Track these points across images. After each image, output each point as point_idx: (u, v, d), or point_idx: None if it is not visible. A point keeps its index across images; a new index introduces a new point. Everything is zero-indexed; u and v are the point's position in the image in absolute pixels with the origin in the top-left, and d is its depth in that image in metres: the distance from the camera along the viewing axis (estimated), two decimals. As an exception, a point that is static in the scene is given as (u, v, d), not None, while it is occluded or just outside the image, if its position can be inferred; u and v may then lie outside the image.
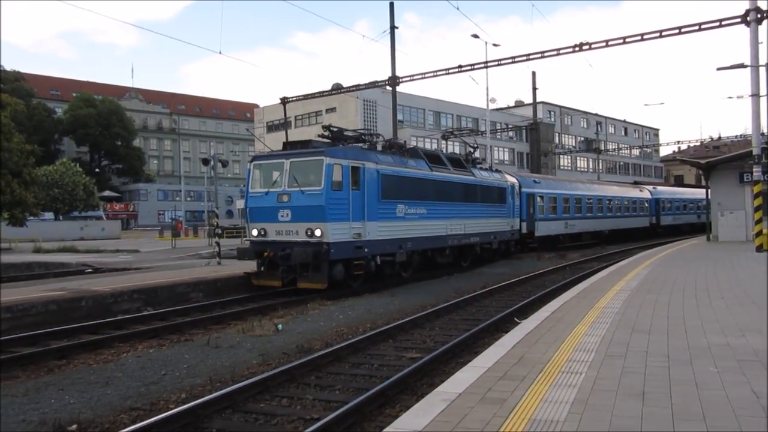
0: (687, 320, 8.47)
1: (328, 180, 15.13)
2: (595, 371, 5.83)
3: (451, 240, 21.26)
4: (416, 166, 19.46)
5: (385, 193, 17.21)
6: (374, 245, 16.71)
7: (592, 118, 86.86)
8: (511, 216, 26.75)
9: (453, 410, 4.76)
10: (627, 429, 4.25)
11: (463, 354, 9.32)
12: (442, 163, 21.52)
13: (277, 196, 15.76)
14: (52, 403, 7.22)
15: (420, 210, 19.18)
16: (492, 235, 24.64)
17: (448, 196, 21.09)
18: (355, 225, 15.91)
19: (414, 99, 59.08)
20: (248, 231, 16.73)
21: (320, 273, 15.09)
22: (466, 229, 22.22)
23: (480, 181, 23.84)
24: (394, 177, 17.80)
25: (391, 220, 17.58)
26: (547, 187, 32.68)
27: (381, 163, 17.34)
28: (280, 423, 6.57)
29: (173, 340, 10.87)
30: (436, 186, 20.35)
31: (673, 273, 15.01)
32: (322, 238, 15.02)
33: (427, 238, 19.72)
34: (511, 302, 14.41)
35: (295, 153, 16.06)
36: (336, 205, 15.30)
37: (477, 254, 23.79)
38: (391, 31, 30.37)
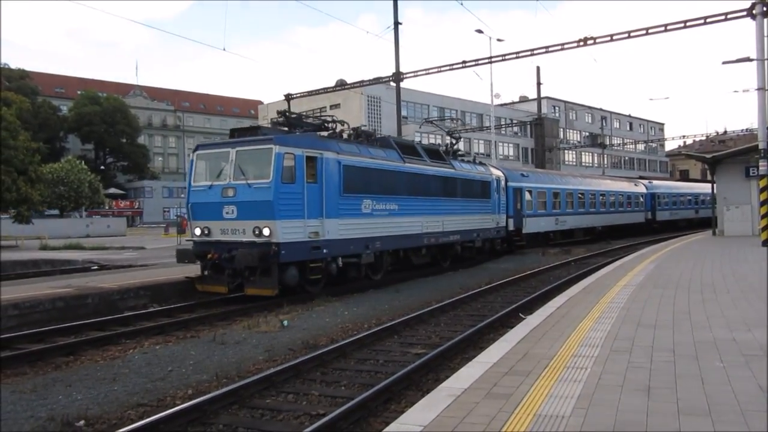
0: (693, 315, 8.46)
1: (278, 171, 13.35)
2: (601, 366, 5.83)
3: (428, 238, 19.53)
4: (386, 157, 17.62)
5: (348, 186, 15.50)
6: (335, 245, 15.02)
7: (596, 113, 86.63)
8: (495, 212, 24.90)
9: (458, 405, 4.77)
10: (632, 424, 4.26)
11: (469, 350, 9.34)
12: (416, 154, 19.73)
13: (221, 190, 13.97)
14: (60, 399, 7.27)
15: (390, 206, 17.45)
16: (475, 232, 22.84)
17: (423, 190, 19.29)
18: (311, 223, 14.17)
19: (418, 95, 59.02)
20: (191, 230, 14.94)
21: (270, 278, 13.43)
22: (445, 226, 20.51)
23: (460, 174, 22.04)
24: (359, 169, 16.06)
25: (356, 217, 15.89)
26: (536, 181, 30.80)
27: (343, 152, 15.60)
28: (286, 418, 6.60)
29: (179, 337, 10.91)
30: (409, 179, 18.54)
31: (678, 268, 14.97)
32: (270, 237, 13.31)
33: (400, 237, 18.00)
34: (516, 298, 14.41)
35: (242, 141, 14.29)
36: (287, 201, 13.59)
37: (458, 254, 22.09)
38: (395, 27, 30.31)
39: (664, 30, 22.55)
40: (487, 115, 55.62)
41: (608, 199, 38.47)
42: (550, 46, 24.92)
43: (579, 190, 34.97)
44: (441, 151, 22.11)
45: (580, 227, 34.83)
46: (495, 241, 25.21)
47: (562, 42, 24.60)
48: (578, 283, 13.09)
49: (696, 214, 49.18)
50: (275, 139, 13.76)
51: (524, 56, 25.76)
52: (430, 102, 62.46)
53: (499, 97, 55.51)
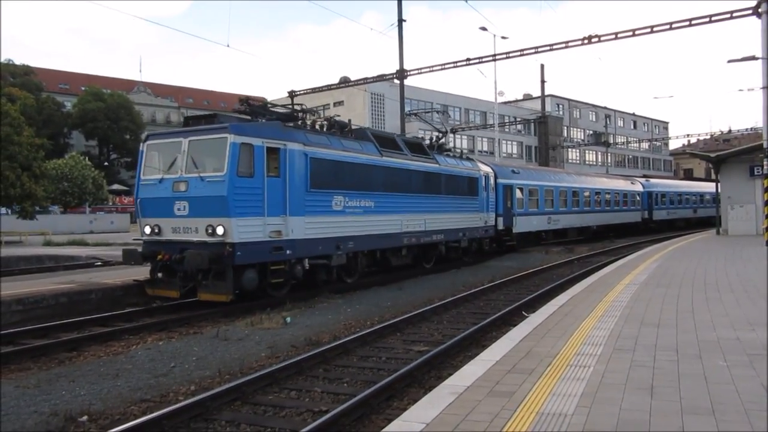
0: (696, 314, 8.44)
1: (233, 163, 12.16)
2: (604, 365, 5.82)
3: (408, 238, 18.27)
4: (361, 150, 16.34)
5: (316, 181, 14.25)
6: (300, 246, 13.76)
7: (600, 111, 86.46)
8: (483, 210, 23.53)
9: (461, 403, 4.77)
10: (635, 422, 4.25)
11: (471, 347, 9.34)
12: (396, 147, 18.37)
13: (172, 184, 12.74)
14: (63, 394, 7.29)
15: (365, 202, 16.23)
16: (460, 232, 21.55)
17: (403, 186, 18.04)
18: (272, 221, 12.95)
19: (422, 92, 58.95)
20: (140, 228, 13.52)
21: (224, 282, 12.25)
22: (428, 225, 19.27)
23: (445, 170, 20.64)
24: (329, 162, 14.80)
25: (325, 214, 14.64)
26: (528, 178, 29.36)
27: (311, 144, 14.28)
28: (288, 415, 6.61)
29: (182, 333, 10.93)
30: (387, 174, 17.25)
31: (682, 267, 14.94)
32: (225, 237, 12.11)
33: (376, 237, 16.75)
34: (519, 296, 14.40)
35: (195, 130, 13.05)
36: (244, 196, 12.35)
37: (442, 254, 20.83)
38: (399, 24, 30.28)
39: (669, 28, 22.49)
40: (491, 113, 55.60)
41: (603, 197, 37.18)
42: (554, 44, 24.89)
43: (573, 188, 33.70)
44: (424, 145, 20.84)
45: (574, 227, 33.66)
46: (483, 241, 23.91)
47: (567, 40, 24.55)
48: (581, 281, 13.09)
49: (694, 213, 48.33)
50: (231, 127, 12.53)
51: (528, 54, 25.72)
52: (434, 99, 62.36)
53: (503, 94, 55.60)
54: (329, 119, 17.24)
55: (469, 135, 63.45)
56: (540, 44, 25.59)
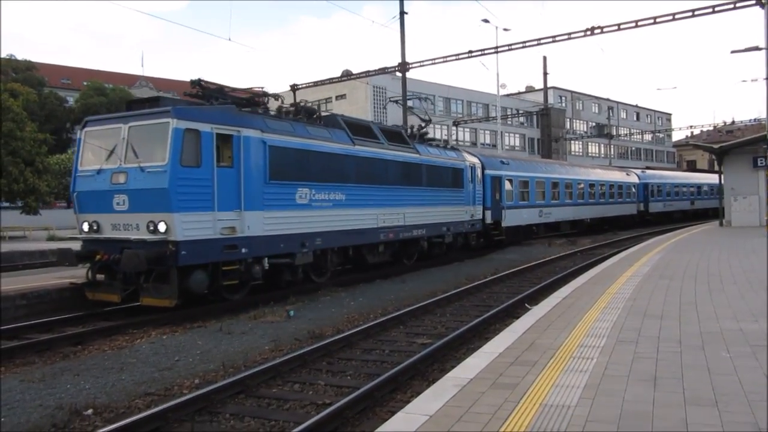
0: (699, 306, 8.44)
1: (176, 151, 10.95)
2: (607, 357, 5.83)
3: (386, 234, 17.07)
4: (330, 138, 15.03)
5: (277, 172, 13.03)
6: (258, 243, 12.59)
7: (603, 103, 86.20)
8: (469, 203, 22.22)
9: (464, 395, 4.79)
10: (638, 414, 4.26)
11: (474, 340, 9.36)
12: (372, 136, 17.08)
13: (111, 175, 11.53)
14: (68, 388, 7.32)
15: (335, 195, 14.97)
16: (444, 226, 20.34)
17: (379, 177, 16.79)
18: (224, 216, 11.76)
19: (424, 85, 58.76)
20: (78, 225, 12.26)
21: (167, 285, 11.06)
22: (407, 219, 18.09)
23: (426, 160, 19.38)
24: (293, 151, 13.57)
25: (287, 208, 13.40)
26: (518, 169, 27.91)
27: (271, 131, 13.03)
28: (292, 408, 6.64)
29: (186, 327, 10.96)
30: (361, 164, 15.99)
31: (685, 258, 14.93)
32: (167, 234, 10.91)
33: (348, 232, 15.52)
34: (522, 288, 14.40)
35: (136, 115, 11.81)
36: (190, 188, 11.16)
37: (424, 250, 19.69)
38: (401, 17, 30.17)
39: (672, 19, 22.36)
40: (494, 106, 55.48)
41: (598, 189, 35.83)
42: (557, 35, 24.78)
43: (566, 180, 32.33)
44: (404, 134, 19.47)
45: (567, 220, 32.35)
46: (469, 236, 22.76)
47: (570, 31, 24.44)
48: (584, 273, 13.08)
49: (692, 205, 47.56)
50: (173, 111, 11.25)
51: (531, 46, 25.60)
52: (436, 92, 62.18)
53: (506, 87, 55.49)
54: (295, 105, 16.08)
55: (471, 128, 63.34)
56: (542, 36, 25.45)
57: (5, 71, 63.23)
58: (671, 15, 22.37)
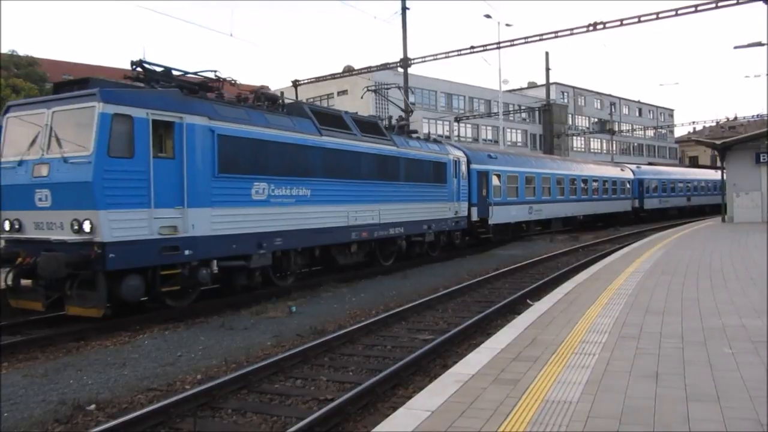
0: (701, 302, 8.43)
1: (103, 140, 9.61)
2: (609, 352, 5.83)
3: (358, 232, 15.80)
4: (293, 128, 13.69)
5: (229, 164, 11.79)
6: (205, 244, 11.27)
7: (606, 98, 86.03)
8: (453, 199, 20.98)
9: (466, 391, 4.79)
10: (640, 409, 4.26)
11: (476, 335, 9.37)
12: (342, 126, 15.74)
13: (32, 167, 10.21)
14: (71, 383, 7.35)
15: (299, 191, 13.66)
16: (425, 224, 19.13)
17: (350, 171, 15.53)
18: (163, 214, 10.46)
19: (426, 81, 58.72)
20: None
21: (95, 292, 9.71)
22: (383, 217, 16.81)
23: (405, 153, 18.14)
24: (247, 141, 12.30)
25: (241, 205, 12.13)
26: (506, 164, 26.62)
27: (221, 118, 11.75)
28: (294, 403, 6.66)
29: (188, 322, 10.98)
30: (329, 157, 14.69)
31: (687, 254, 14.91)
32: (93, 235, 9.59)
33: (314, 231, 14.17)
34: (524, 284, 14.41)
35: (61, 98, 10.44)
36: (120, 182, 9.83)
37: (402, 250, 18.34)
38: (403, 12, 30.12)
39: (674, 14, 22.32)
40: (495, 101, 55.40)
41: (591, 185, 34.53)
42: (559, 31, 24.75)
43: (557, 175, 30.94)
44: (380, 125, 18.10)
45: (559, 217, 30.99)
46: (453, 234, 21.57)
47: (572, 27, 24.42)
48: (586, 269, 13.08)
49: (688, 201, 46.54)
50: (100, 93, 9.86)
51: (533, 41, 25.60)
52: (437, 88, 62.13)
53: (508, 83, 55.29)
54: (255, 91, 14.58)
55: (473, 123, 63.24)
56: (545, 31, 25.52)
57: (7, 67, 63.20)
58: (674, 10, 22.32)
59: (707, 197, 48.67)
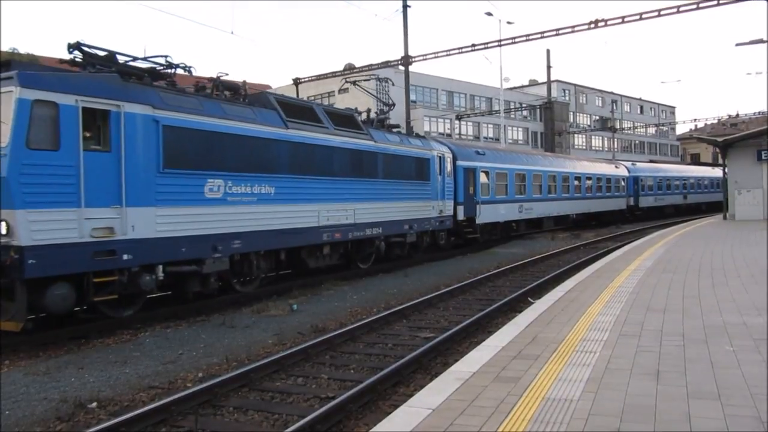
0: (702, 299, 8.43)
1: (21, 129, 8.51)
2: (610, 350, 5.83)
3: (330, 233, 14.62)
4: (253, 119, 12.53)
5: (176, 158, 10.62)
6: (148, 248, 10.02)
7: (607, 96, 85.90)
8: (437, 197, 19.88)
9: (467, 389, 4.79)
10: (641, 407, 4.26)
11: (477, 333, 9.38)
12: (313, 119, 14.49)
13: None
14: (73, 381, 7.36)
15: (262, 188, 12.52)
16: (405, 224, 17.98)
17: (322, 168, 14.31)
18: (96, 213, 9.27)
19: (427, 79, 58.65)
20: None
21: (13, 303, 8.59)
22: (359, 216, 15.67)
23: (383, 149, 16.96)
24: (199, 133, 11.13)
25: (192, 204, 10.92)
26: (495, 160, 25.30)
27: (167, 108, 10.53)
28: (295, 401, 6.66)
29: (189, 321, 10.99)
30: (296, 152, 13.51)
31: (688, 252, 14.90)
32: (10, 237, 8.50)
33: (279, 233, 12.97)
34: (525, 282, 14.41)
35: None
36: (42, 178, 8.70)
37: (381, 252, 17.26)
38: (404, 10, 30.12)
39: (676, 11, 22.29)
40: (497, 99, 55.34)
41: (584, 182, 33.25)
42: (560, 28, 24.72)
43: (549, 172, 29.72)
44: (356, 118, 16.82)
45: (551, 215, 29.78)
46: (438, 234, 20.52)
47: (573, 24, 24.47)
48: (587, 267, 13.08)
49: (684, 199, 45.40)
50: (19, 76, 8.69)
51: (534, 39, 25.57)
52: (438, 86, 62.08)
53: (509, 80, 55.08)
54: (214, 79, 13.20)
55: (474, 121, 63.18)
56: (546, 29, 25.53)
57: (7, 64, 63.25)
58: (675, 8, 22.29)
59: (704, 195, 48.02)
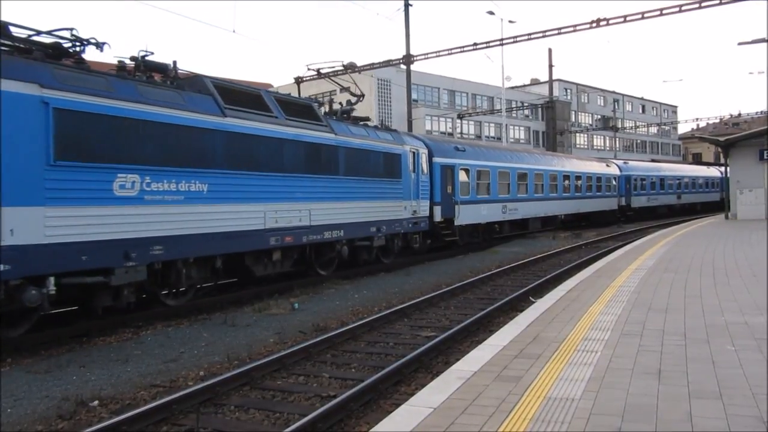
0: (704, 299, 8.42)
1: None
2: (611, 350, 5.83)
3: (280, 237, 12.78)
4: (182, 105, 10.68)
5: (73, 148, 8.89)
6: (33, 256, 8.30)
7: (609, 95, 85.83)
8: (410, 197, 18.19)
9: (468, 388, 4.79)
10: (643, 407, 4.26)
11: (479, 333, 9.37)
12: (259, 107, 12.71)
13: None
14: (74, 379, 7.37)
15: (191, 185, 10.66)
16: (372, 226, 16.26)
17: (269, 162, 12.58)
18: None
19: (428, 78, 58.64)
20: None
21: None
22: (315, 217, 13.88)
23: (345, 142, 15.15)
24: (106, 119, 9.36)
25: (95, 203, 9.18)
26: (477, 157, 23.49)
27: (61, 87, 8.79)
28: (297, 400, 6.67)
29: (191, 319, 11.00)
30: (236, 144, 11.74)
31: (690, 251, 14.89)
32: None
33: (214, 237, 11.16)
34: (527, 281, 14.40)
35: None
36: None
37: (344, 257, 15.49)
38: (405, 9, 30.12)
39: (678, 11, 22.25)
40: (498, 98, 55.30)
41: (573, 182, 31.67)
42: (562, 27, 24.67)
43: (536, 170, 28.04)
44: (315, 108, 14.84)
45: (537, 216, 28.19)
46: (411, 237, 18.76)
47: (575, 23, 24.36)
48: (589, 266, 13.06)
49: (678, 200, 43.94)
50: None
51: (536, 38, 25.53)
52: (440, 85, 62.05)
53: (510, 79, 55.06)
54: (135, 58, 11.14)
55: (476, 120, 63.17)
56: (548, 28, 25.52)
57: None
58: (678, 6, 22.25)
59: (699, 195, 46.91)
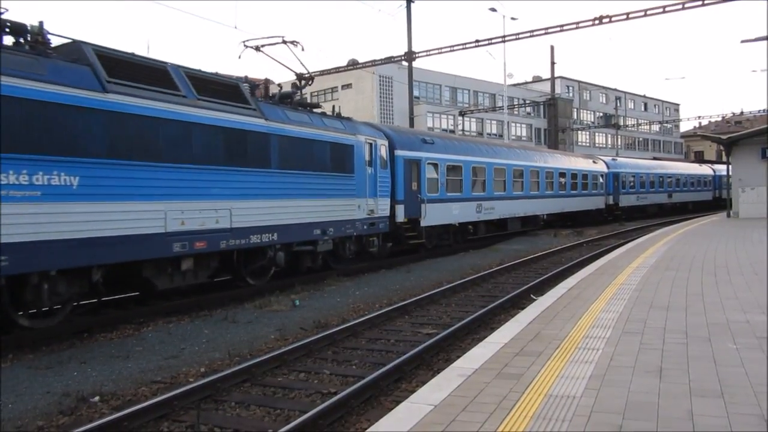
0: (706, 297, 8.41)
1: None
2: (612, 347, 5.82)
3: (188, 242, 10.66)
4: (42, 77, 8.40)
5: None
6: None
7: (611, 93, 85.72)
8: (365, 194, 16.01)
9: (469, 385, 4.79)
10: (644, 405, 4.25)
11: (480, 330, 9.37)
12: (161, 83, 10.49)
13: None
14: (75, 375, 7.38)
15: (53, 177, 8.44)
16: (317, 228, 14.09)
17: (172, 151, 10.38)
18: None
19: (430, 75, 58.58)
20: None
21: None
22: (238, 218, 11.73)
23: (277, 130, 12.89)
24: None
25: None
26: (447, 151, 20.93)
27: None
28: (297, 396, 6.67)
29: (192, 315, 11.00)
30: (124, 127, 9.55)
31: (692, 250, 14.86)
32: None
33: (89, 243, 8.97)
34: (528, 279, 14.39)
35: None
36: None
37: (280, 264, 13.39)
38: (407, 5, 30.06)
39: (681, 8, 22.21)
40: (500, 95, 55.23)
41: (557, 179, 29.50)
42: (564, 24, 24.65)
43: (515, 166, 25.54)
44: (241, 89, 12.54)
45: (516, 216, 25.78)
46: (367, 240, 16.49)
47: (577, 20, 24.33)
48: (590, 264, 13.04)
49: (669, 198, 42.47)
50: None
51: (538, 35, 25.52)
52: (442, 82, 61.96)
53: (512, 76, 55.21)
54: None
55: (478, 117, 63.11)
56: (550, 25, 25.39)
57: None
58: (681, 4, 22.21)
59: (691, 194, 45.77)
